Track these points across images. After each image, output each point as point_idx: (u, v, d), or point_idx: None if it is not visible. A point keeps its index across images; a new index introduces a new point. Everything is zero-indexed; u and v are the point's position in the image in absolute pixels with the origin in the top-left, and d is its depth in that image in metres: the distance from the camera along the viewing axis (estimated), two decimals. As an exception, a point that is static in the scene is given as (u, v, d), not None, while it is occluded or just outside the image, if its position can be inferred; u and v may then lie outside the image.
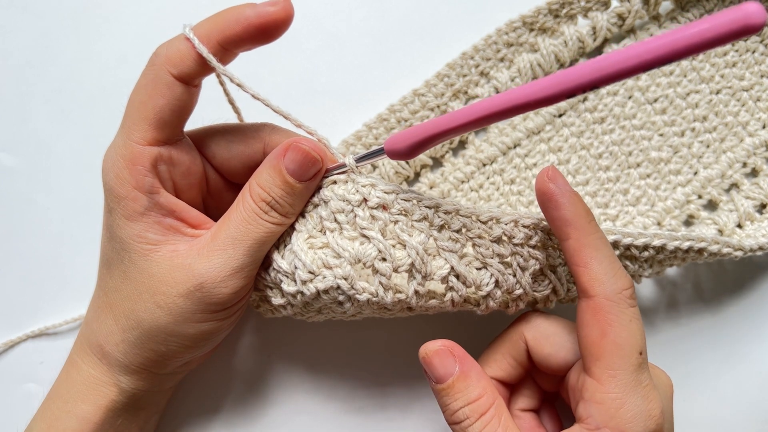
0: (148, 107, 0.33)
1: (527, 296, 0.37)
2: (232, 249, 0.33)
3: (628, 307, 0.31)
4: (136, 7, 0.49)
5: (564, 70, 0.25)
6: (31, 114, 0.48)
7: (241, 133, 0.37)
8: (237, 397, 0.46)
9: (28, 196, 0.48)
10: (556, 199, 0.32)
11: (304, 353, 0.46)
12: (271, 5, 0.32)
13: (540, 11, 0.46)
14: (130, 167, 0.33)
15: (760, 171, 0.47)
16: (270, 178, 0.34)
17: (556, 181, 0.33)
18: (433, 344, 0.34)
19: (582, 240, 0.32)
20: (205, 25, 0.33)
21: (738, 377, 0.46)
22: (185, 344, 0.36)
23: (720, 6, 0.47)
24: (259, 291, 0.38)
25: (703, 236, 0.39)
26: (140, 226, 0.34)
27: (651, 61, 0.22)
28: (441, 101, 0.46)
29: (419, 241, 0.34)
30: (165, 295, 0.34)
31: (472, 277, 0.35)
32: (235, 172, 0.38)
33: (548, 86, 0.25)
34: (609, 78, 0.23)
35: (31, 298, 0.47)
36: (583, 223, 0.32)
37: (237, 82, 0.33)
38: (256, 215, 0.34)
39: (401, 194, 0.34)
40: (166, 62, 0.32)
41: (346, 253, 0.34)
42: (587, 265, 0.32)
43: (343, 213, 0.35)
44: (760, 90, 0.47)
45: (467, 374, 0.33)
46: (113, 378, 0.36)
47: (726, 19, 0.20)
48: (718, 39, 0.21)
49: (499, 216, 0.35)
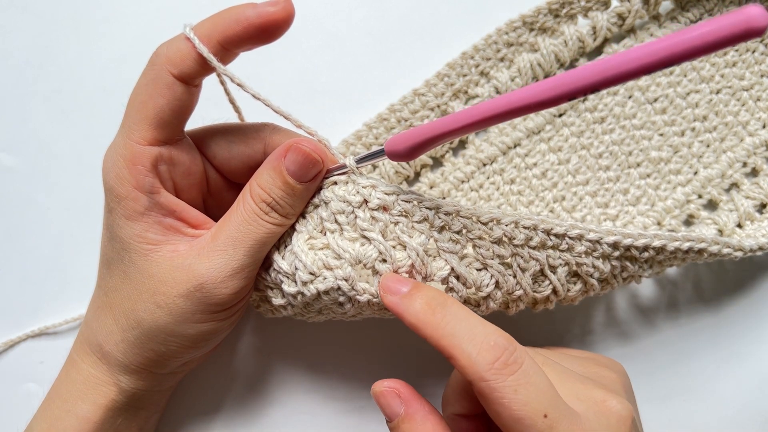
0: (149, 107, 0.33)
1: (527, 297, 0.37)
2: (232, 249, 0.33)
3: (508, 377, 0.28)
4: (136, 7, 0.49)
5: (565, 72, 0.24)
6: (31, 114, 0.48)
7: (242, 133, 0.37)
8: (237, 397, 0.46)
9: (28, 196, 0.48)
10: (396, 311, 0.32)
11: (304, 353, 0.46)
12: (271, 5, 0.32)
13: (540, 11, 0.46)
14: (130, 167, 0.33)
15: (760, 170, 0.47)
16: (270, 179, 0.34)
17: (390, 291, 0.32)
18: (382, 384, 0.33)
19: (435, 333, 0.30)
20: (206, 25, 0.32)
21: (738, 377, 0.46)
22: (185, 344, 0.36)
23: (720, 5, 0.47)
24: (259, 291, 0.38)
25: (703, 237, 0.38)
26: (140, 226, 0.34)
27: (652, 64, 0.22)
28: (441, 101, 0.46)
29: (419, 242, 0.34)
30: (165, 295, 0.34)
31: (473, 278, 0.35)
32: (236, 172, 0.38)
33: (549, 89, 0.25)
34: (610, 81, 0.23)
35: (31, 298, 0.47)
36: (428, 318, 0.31)
37: (238, 82, 0.33)
38: (257, 216, 0.34)
39: (402, 195, 0.34)
40: (167, 62, 0.32)
41: (347, 254, 0.34)
42: (453, 356, 0.29)
43: (343, 214, 0.35)
44: (760, 89, 0.47)
45: (412, 417, 0.32)
46: (113, 377, 0.36)
47: (728, 22, 0.20)
48: (720, 42, 0.21)
49: (499, 217, 0.35)
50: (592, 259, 0.36)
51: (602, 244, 0.36)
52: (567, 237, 0.35)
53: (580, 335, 0.46)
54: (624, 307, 0.47)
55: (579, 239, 0.36)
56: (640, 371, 0.46)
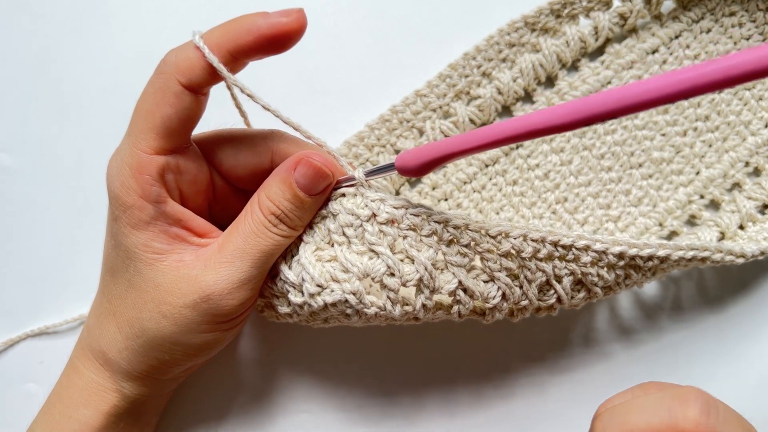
0: (156, 116, 0.32)
1: (532, 305, 0.37)
2: (239, 261, 0.33)
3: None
4: (136, 7, 0.49)
5: (584, 97, 0.24)
6: (31, 114, 0.48)
7: (249, 141, 0.37)
8: (237, 397, 0.46)
9: (28, 196, 0.48)
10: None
11: (304, 352, 0.46)
12: (284, 16, 0.31)
13: (542, 11, 0.46)
14: (136, 176, 0.32)
15: (762, 170, 0.47)
16: (280, 192, 0.33)
17: None
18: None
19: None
20: (216, 34, 0.32)
21: (739, 377, 0.46)
22: (189, 353, 0.36)
23: (722, 6, 0.47)
24: (264, 298, 0.38)
25: (707, 245, 0.38)
26: (146, 235, 0.33)
27: (673, 94, 0.22)
28: (443, 102, 0.46)
29: (428, 256, 0.34)
30: (170, 305, 0.33)
31: (480, 289, 0.35)
32: (243, 179, 0.37)
33: (566, 114, 0.24)
34: (628, 109, 0.23)
35: (31, 299, 0.47)
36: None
37: (248, 93, 0.33)
38: (265, 228, 0.33)
39: (410, 209, 0.34)
40: (175, 71, 0.32)
41: (355, 268, 0.34)
42: None
43: (351, 227, 0.34)
44: (763, 88, 0.47)
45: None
46: (116, 384, 0.36)
47: (755, 56, 0.20)
48: (745, 76, 0.20)
49: (508, 230, 0.35)
50: (597, 269, 0.36)
51: (608, 254, 0.36)
52: (574, 248, 0.35)
53: (584, 334, 0.46)
54: (627, 307, 0.47)
55: (585, 250, 0.35)
56: (642, 371, 0.46)
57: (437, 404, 0.46)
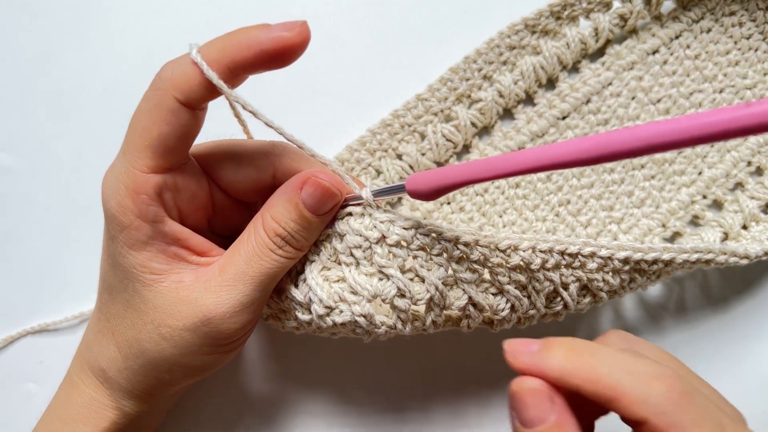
0: (152, 134, 0.30)
1: (539, 313, 0.37)
2: (242, 284, 0.32)
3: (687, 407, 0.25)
4: (136, 7, 0.49)
5: (607, 133, 0.24)
6: (31, 114, 0.48)
7: (250, 155, 0.35)
8: (239, 406, 0.46)
9: (28, 196, 0.48)
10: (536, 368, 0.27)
11: (308, 360, 0.46)
12: (286, 29, 0.29)
13: (542, 13, 0.46)
14: (133, 196, 0.31)
15: (765, 169, 0.47)
16: (285, 212, 0.32)
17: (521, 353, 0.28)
18: (531, 381, 0.27)
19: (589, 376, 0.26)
20: (214, 48, 0.30)
21: (745, 377, 0.46)
22: (190, 373, 0.35)
23: (722, 5, 0.47)
24: (270, 309, 0.37)
25: (711, 247, 0.38)
26: (144, 255, 0.32)
27: (697, 138, 0.21)
28: (445, 105, 0.46)
29: (438, 275, 0.33)
30: (170, 327, 0.33)
31: (489, 302, 0.35)
32: (243, 193, 0.36)
33: (586, 149, 0.24)
34: (648, 149, 0.22)
35: (31, 298, 0.47)
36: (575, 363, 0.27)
37: (250, 110, 0.31)
38: (270, 250, 0.32)
39: (420, 230, 0.33)
40: (172, 87, 0.30)
41: (365, 291, 0.33)
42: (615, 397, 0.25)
43: (360, 248, 0.34)
44: (764, 88, 0.47)
45: (562, 426, 0.27)
46: (116, 402, 0.35)
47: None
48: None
49: (517, 243, 0.34)
50: (603, 274, 0.36)
51: (614, 260, 0.36)
52: (580, 255, 0.35)
53: (588, 336, 0.46)
54: (631, 308, 0.47)
55: (591, 257, 0.35)
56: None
57: (445, 414, 0.45)
